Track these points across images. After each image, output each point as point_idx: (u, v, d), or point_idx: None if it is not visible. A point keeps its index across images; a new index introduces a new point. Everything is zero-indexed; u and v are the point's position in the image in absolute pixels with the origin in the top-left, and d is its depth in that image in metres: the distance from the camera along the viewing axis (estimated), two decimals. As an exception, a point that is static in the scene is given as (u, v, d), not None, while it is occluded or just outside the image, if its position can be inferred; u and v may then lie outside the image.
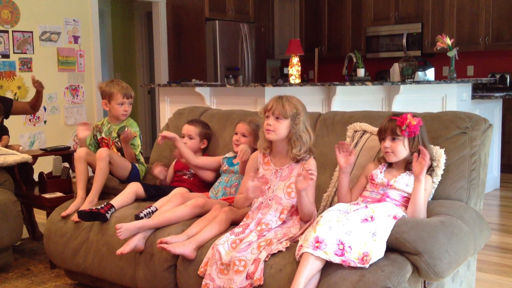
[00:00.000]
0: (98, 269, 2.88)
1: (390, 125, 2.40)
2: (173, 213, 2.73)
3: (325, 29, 8.18)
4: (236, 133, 3.07)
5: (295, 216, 2.49)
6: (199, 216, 2.74)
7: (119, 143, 3.34)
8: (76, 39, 6.31)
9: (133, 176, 3.30)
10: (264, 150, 2.59)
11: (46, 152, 4.21)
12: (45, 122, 6.07)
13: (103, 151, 3.15)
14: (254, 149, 3.02)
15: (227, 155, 3.13)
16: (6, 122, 4.35)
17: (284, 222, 2.47)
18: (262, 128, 2.54)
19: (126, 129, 3.24)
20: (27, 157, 3.70)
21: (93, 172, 3.30)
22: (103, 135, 3.43)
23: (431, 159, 2.41)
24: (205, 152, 3.34)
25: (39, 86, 4.33)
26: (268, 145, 2.57)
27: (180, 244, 2.48)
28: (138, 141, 3.36)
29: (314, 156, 2.54)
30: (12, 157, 3.62)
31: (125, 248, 2.61)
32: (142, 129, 8.19)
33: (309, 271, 2.06)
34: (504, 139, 6.17)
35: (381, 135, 2.44)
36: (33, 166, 4.10)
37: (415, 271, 2.09)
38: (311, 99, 4.63)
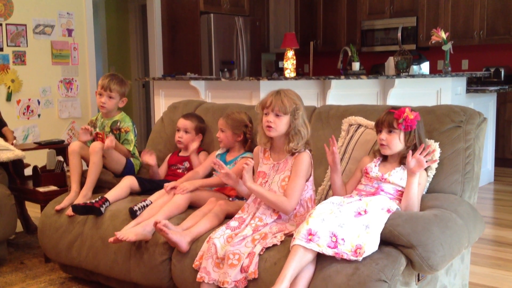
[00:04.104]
0: (93, 262, 2.88)
1: (387, 117, 2.40)
2: (167, 205, 2.74)
3: (320, 22, 8.16)
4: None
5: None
6: (193, 208, 2.75)
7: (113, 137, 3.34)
8: (70, 32, 6.28)
9: (128, 170, 3.29)
10: (264, 145, 2.59)
11: (40, 145, 4.19)
12: (39, 115, 6.04)
13: (96, 145, 3.15)
14: (236, 142, 3.03)
15: (219, 151, 3.13)
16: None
17: (279, 217, 2.47)
18: (260, 123, 2.53)
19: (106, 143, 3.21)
20: (20, 154, 3.69)
21: (88, 166, 3.29)
22: (97, 129, 3.42)
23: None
24: (199, 146, 3.33)
25: None
26: (268, 140, 2.56)
27: (177, 233, 2.48)
28: (131, 136, 3.35)
29: (310, 148, 2.54)
30: (6, 154, 3.62)
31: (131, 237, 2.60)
32: (137, 123, 8.17)
33: (298, 262, 2.06)
34: (498, 132, 6.19)
35: (378, 127, 2.44)
36: (27, 160, 4.08)
37: (409, 264, 2.10)
38: (306, 92, 4.62)
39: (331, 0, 8.00)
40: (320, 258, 2.11)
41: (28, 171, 4.11)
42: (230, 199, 2.83)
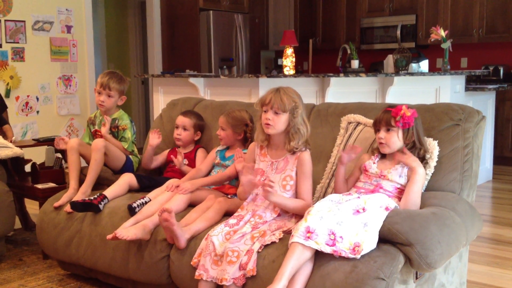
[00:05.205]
0: (91, 259, 2.88)
1: (385, 116, 2.41)
2: (168, 203, 2.73)
3: (320, 20, 8.16)
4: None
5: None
6: (192, 206, 2.75)
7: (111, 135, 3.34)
8: (69, 28, 6.26)
9: (127, 167, 3.29)
10: (261, 142, 2.58)
11: (39, 142, 4.19)
12: (37, 112, 6.04)
13: (99, 142, 3.14)
14: (236, 140, 3.03)
15: (219, 148, 3.13)
16: None
17: (279, 215, 2.47)
18: (259, 120, 2.52)
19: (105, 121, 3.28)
20: (19, 152, 3.69)
21: (86, 162, 3.29)
22: (96, 127, 3.42)
23: (425, 152, 2.42)
24: (198, 143, 3.33)
25: None
26: (265, 137, 2.56)
27: (179, 227, 2.48)
28: (128, 134, 3.34)
29: (309, 147, 2.54)
30: (4, 152, 3.62)
31: (128, 235, 2.59)
32: (136, 120, 8.16)
33: (296, 260, 2.07)
34: (497, 131, 6.19)
35: (376, 126, 2.45)
36: (25, 157, 4.08)
37: (407, 262, 2.10)
38: (305, 90, 4.61)
39: (330, -2, 8.01)
40: (318, 256, 2.12)
41: (26, 168, 4.11)
42: (229, 196, 2.83)
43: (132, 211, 2.77)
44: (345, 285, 2.00)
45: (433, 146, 2.46)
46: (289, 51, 5.43)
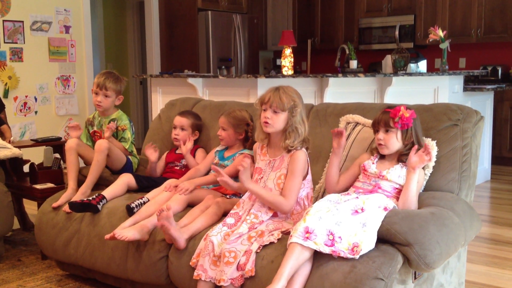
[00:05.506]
0: (90, 260, 2.88)
1: (383, 117, 2.41)
2: (167, 204, 2.73)
3: (318, 20, 8.16)
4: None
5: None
6: (191, 206, 2.75)
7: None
8: (67, 29, 6.26)
9: (127, 168, 3.29)
10: (261, 141, 2.59)
11: (37, 142, 4.19)
12: (36, 112, 6.03)
13: (102, 143, 3.12)
14: (237, 140, 3.03)
15: (219, 148, 3.13)
16: None
17: (275, 214, 2.47)
18: (259, 119, 2.53)
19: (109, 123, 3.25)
20: (17, 152, 3.69)
21: (85, 163, 3.28)
22: (95, 128, 3.42)
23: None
24: (196, 143, 3.33)
25: None
26: (265, 136, 2.57)
27: (178, 229, 2.48)
28: (128, 134, 3.34)
29: (306, 145, 2.53)
30: (3, 152, 3.61)
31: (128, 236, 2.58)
32: (134, 120, 8.16)
33: (295, 260, 2.07)
34: (495, 131, 6.20)
35: (375, 127, 2.45)
36: (24, 157, 4.08)
37: (405, 262, 2.10)
38: (303, 90, 4.57)
39: (329, -2, 8.01)
40: (317, 256, 2.12)
41: (25, 168, 4.10)
42: (228, 196, 2.83)
43: (130, 212, 2.77)
44: (343, 285, 2.00)
45: (431, 146, 2.46)
46: (288, 51, 5.42)
